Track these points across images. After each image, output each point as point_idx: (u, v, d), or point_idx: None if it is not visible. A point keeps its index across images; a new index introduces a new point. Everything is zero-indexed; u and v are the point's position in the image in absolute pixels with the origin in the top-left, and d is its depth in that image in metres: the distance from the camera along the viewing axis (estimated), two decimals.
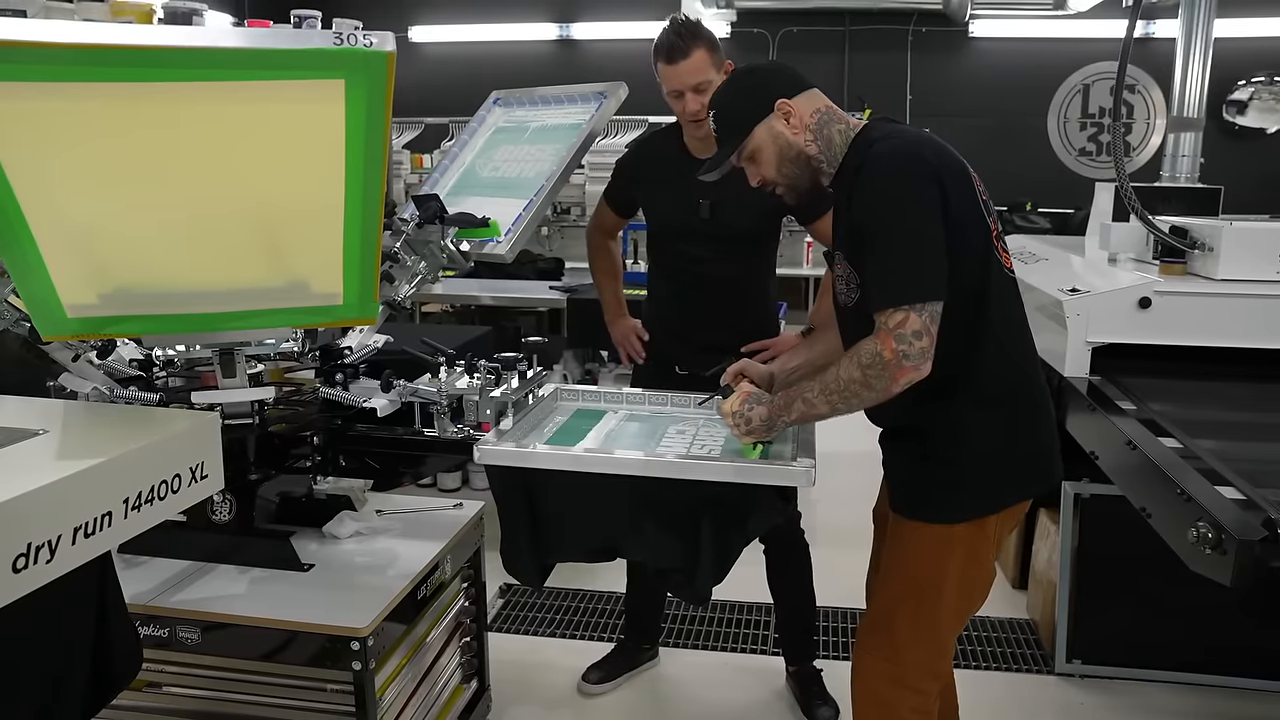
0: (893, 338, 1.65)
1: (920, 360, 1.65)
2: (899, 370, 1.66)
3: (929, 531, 1.81)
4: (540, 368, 2.27)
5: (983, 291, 1.75)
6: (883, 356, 1.66)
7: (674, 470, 1.82)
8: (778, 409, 1.83)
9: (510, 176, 2.63)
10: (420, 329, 4.60)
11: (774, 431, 1.86)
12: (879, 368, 1.67)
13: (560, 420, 2.21)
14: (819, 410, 1.77)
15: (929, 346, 1.65)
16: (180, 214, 1.62)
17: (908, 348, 1.65)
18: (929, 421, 1.80)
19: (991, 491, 1.79)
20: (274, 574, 2.01)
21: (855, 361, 1.70)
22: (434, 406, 2.10)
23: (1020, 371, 1.81)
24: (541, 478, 1.90)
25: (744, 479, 1.80)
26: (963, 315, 1.74)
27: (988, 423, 1.77)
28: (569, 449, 1.93)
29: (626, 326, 2.97)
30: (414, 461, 2.17)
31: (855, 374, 1.70)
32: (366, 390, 2.16)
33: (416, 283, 2.27)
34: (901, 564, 1.86)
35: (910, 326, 1.64)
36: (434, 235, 2.28)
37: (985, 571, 1.84)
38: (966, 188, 1.74)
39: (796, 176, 1.84)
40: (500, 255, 2.35)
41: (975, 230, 1.74)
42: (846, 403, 1.73)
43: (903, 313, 1.64)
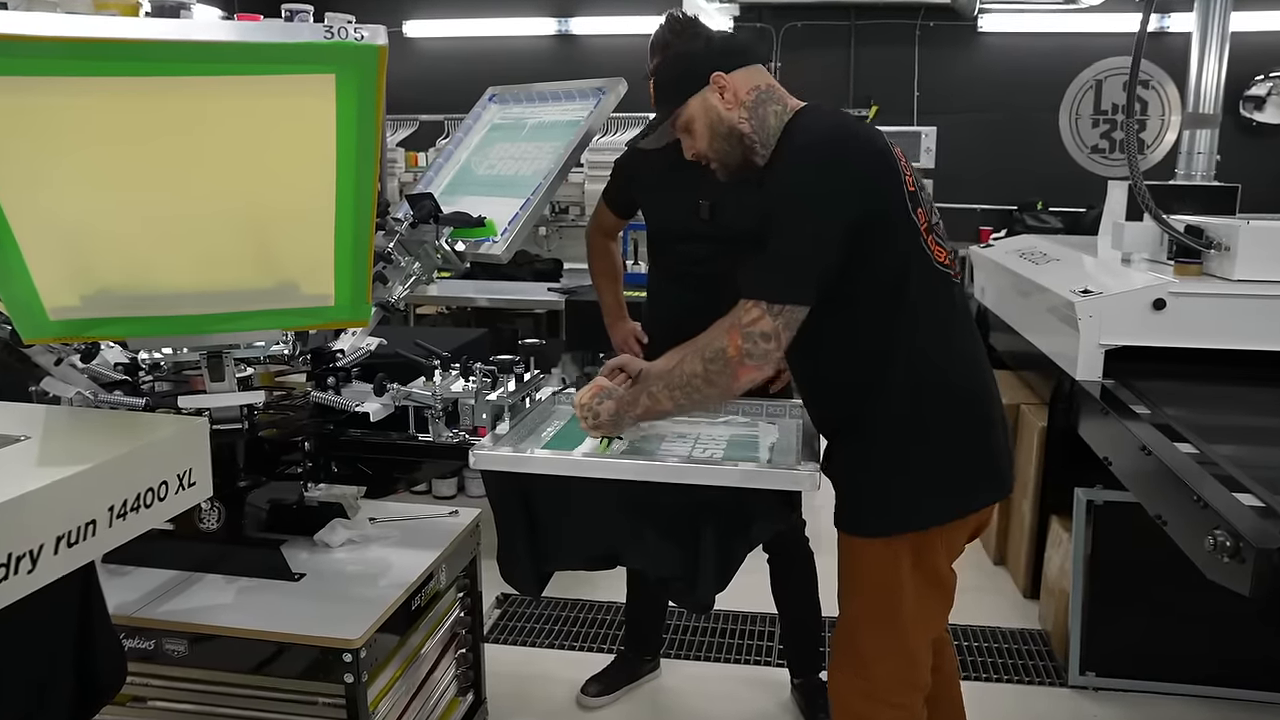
0: (740, 333, 1.66)
1: (762, 361, 1.66)
2: (740, 368, 1.67)
3: (870, 545, 1.80)
4: (538, 371, 2.26)
5: (902, 288, 1.73)
6: (725, 352, 1.67)
7: (675, 475, 1.82)
8: (624, 405, 1.84)
9: (506, 175, 2.63)
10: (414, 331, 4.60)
11: (623, 427, 1.87)
12: (721, 363, 1.68)
13: (558, 424, 2.21)
14: (663, 406, 1.78)
15: (775, 350, 1.66)
16: (166, 213, 1.61)
17: (752, 346, 1.65)
18: (854, 428, 1.80)
19: (925, 503, 1.77)
20: (263, 584, 2.00)
21: (699, 355, 1.71)
22: (429, 411, 2.10)
23: (946, 371, 1.78)
24: (539, 484, 1.89)
25: (747, 484, 1.80)
26: (881, 314, 1.73)
27: (911, 429, 1.75)
28: (567, 454, 1.93)
29: (626, 329, 2.97)
30: (408, 467, 2.17)
31: (698, 368, 1.71)
32: (359, 394, 2.16)
33: (410, 284, 2.27)
34: (852, 579, 1.85)
35: (760, 326, 1.65)
36: (428, 235, 2.27)
37: (941, 579, 1.82)
38: (892, 180, 1.73)
39: (727, 153, 1.84)
40: (496, 256, 2.35)
41: (899, 226, 1.73)
42: (689, 399, 1.74)
43: (758, 310, 1.65)
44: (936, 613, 1.85)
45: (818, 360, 1.76)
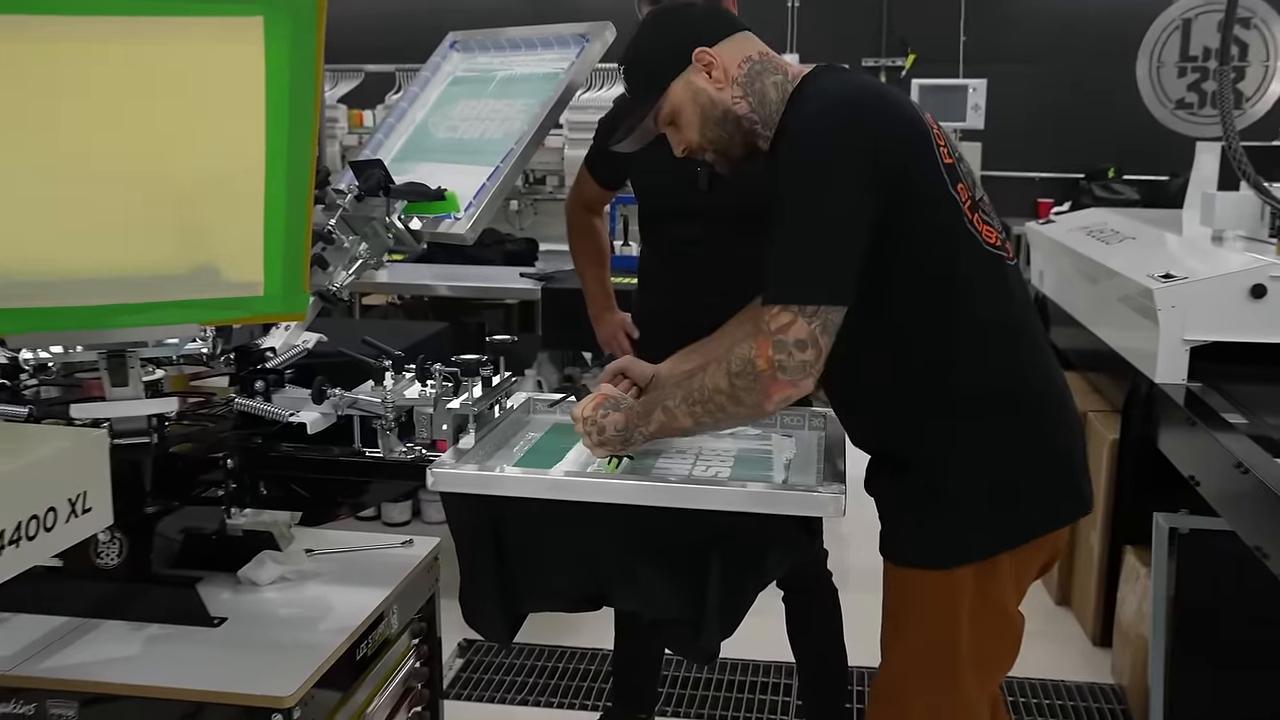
0: (771, 343, 1.67)
1: (800, 375, 1.67)
2: (772, 384, 1.68)
3: (925, 580, 1.82)
4: (509, 373, 2.26)
5: (952, 277, 1.75)
6: (755, 365, 1.69)
7: (674, 497, 1.82)
8: (635, 418, 1.86)
9: (471, 138, 2.63)
10: (361, 326, 4.61)
11: (632, 444, 1.89)
12: (749, 378, 1.70)
13: (534, 437, 2.21)
14: (680, 423, 1.81)
15: (814, 361, 1.67)
16: (61, 181, 1.60)
17: (786, 358, 1.66)
18: (906, 443, 1.82)
19: (996, 524, 1.79)
20: (176, 631, 2.00)
21: (725, 369, 1.73)
22: (378, 421, 2.10)
23: (1013, 372, 1.81)
24: (511, 508, 1.89)
25: (760, 508, 1.80)
26: (930, 310, 1.75)
27: (976, 439, 1.78)
28: (544, 473, 1.93)
29: (614, 322, 2.98)
30: (353, 489, 2.17)
31: (723, 383, 1.73)
32: (293, 401, 2.15)
33: (356, 269, 2.27)
34: (901, 622, 1.87)
35: (794, 333, 1.66)
36: (377, 210, 2.26)
37: (1008, 618, 1.84)
38: (925, 152, 1.74)
39: (725, 141, 1.86)
40: (459, 235, 2.35)
41: (939, 204, 1.74)
42: (712, 417, 1.77)
43: (789, 315, 1.67)
44: (999, 662, 1.86)
45: (857, 367, 1.77)
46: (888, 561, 1.87)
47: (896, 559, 1.85)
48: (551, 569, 1.94)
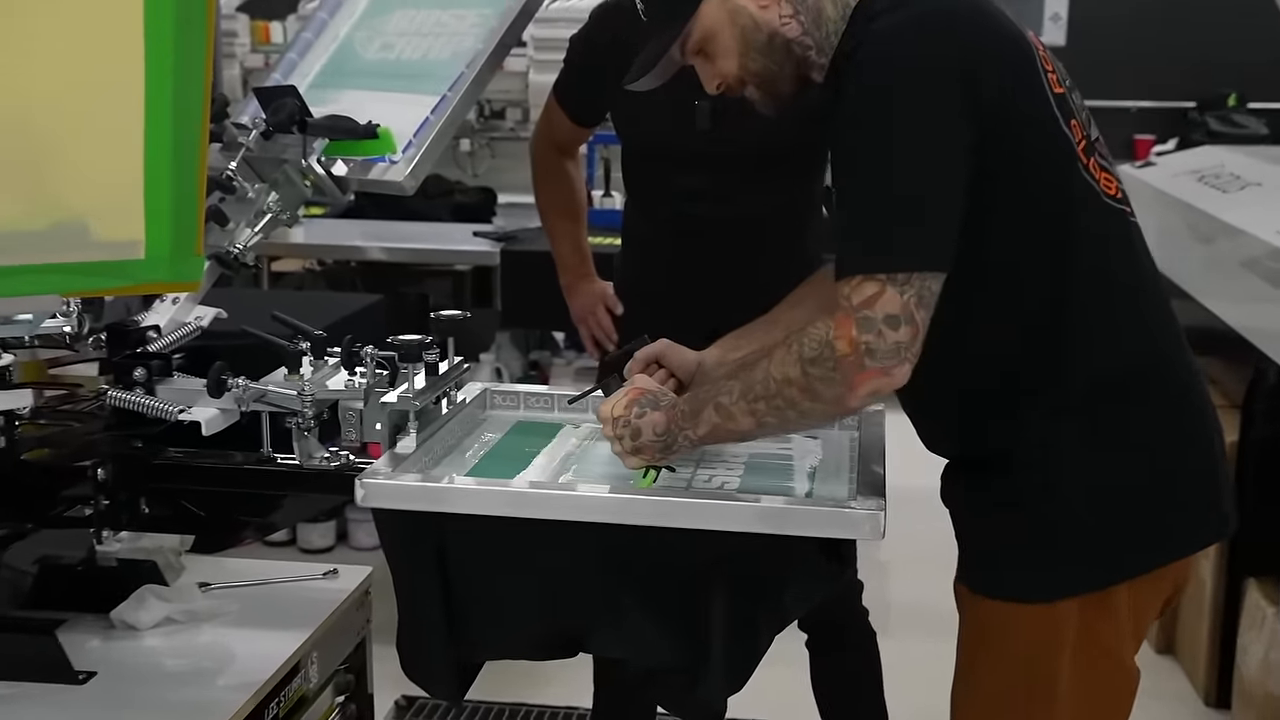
0: (855, 321, 1.67)
1: (893, 360, 1.67)
2: (858, 373, 1.68)
3: (1017, 616, 1.83)
4: (460, 358, 2.27)
5: (1067, 237, 1.78)
6: (834, 349, 1.68)
7: (669, 514, 1.83)
8: (680, 418, 1.86)
9: (410, 60, 2.63)
10: (271, 298, 4.59)
11: (674, 452, 1.89)
12: (827, 366, 1.69)
13: (491, 439, 2.23)
14: (738, 425, 1.80)
15: (910, 342, 1.67)
16: None
17: (875, 339, 1.66)
18: (1001, 444, 1.83)
19: (1114, 547, 1.81)
20: (30, 690, 1.99)
21: (795, 355, 1.72)
22: (293, 419, 2.10)
23: (1146, 352, 1.83)
24: (462, 529, 1.91)
25: (777, 528, 1.81)
26: (1038, 277, 1.78)
27: (1094, 436, 1.80)
28: (505, 484, 1.94)
29: (591, 294, 2.99)
30: (260, 506, 2.18)
31: (793, 372, 1.72)
32: (184, 394, 2.15)
33: (264, 225, 2.28)
34: (982, 669, 1.88)
35: (884, 307, 1.66)
36: (290, 151, 2.28)
37: (1120, 670, 1.85)
38: (1031, 79, 1.76)
39: (772, 73, 1.87)
40: (396, 184, 2.36)
41: (1050, 145, 1.76)
42: (778, 416, 1.76)
43: (874, 285, 1.67)
44: None
45: (937, 348, 1.80)
46: (968, 591, 1.89)
47: (981, 588, 1.87)
48: (514, 605, 1.95)
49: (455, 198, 6.16)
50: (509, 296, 4.76)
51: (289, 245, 5.23)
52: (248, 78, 6.09)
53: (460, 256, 5.19)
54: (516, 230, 5.05)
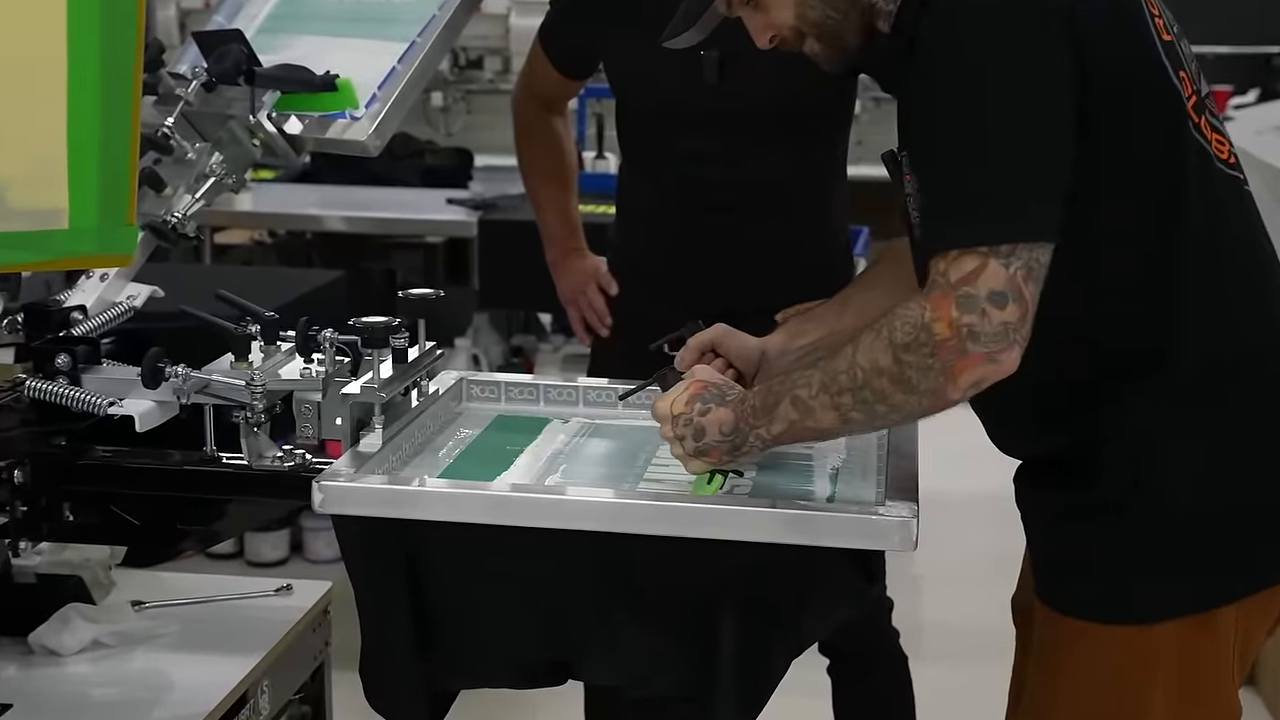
0: (955, 300, 1.66)
1: (1000, 344, 1.65)
2: (960, 360, 1.66)
3: (1107, 638, 1.84)
4: (432, 344, 2.28)
5: (1177, 205, 1.78)
6: (932, 332, 1.67)
7: (671, 522, 1.84)
8: (751, 415, 1.85)
9: (375, 1, 2.63)
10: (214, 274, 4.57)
11: (744, 454, 1.89)
12: (924, 353, 1.68)
13: (468, 436, 2.23)
14: (821, 421, 1.80)
15: (1019, 322, 1.66)
16: None
17: (979, 320, 1.65)
18: (1094, 440, 1.83)
19: (1224, 562, 1.81)
20: None
21: (885, 340, 1.71)
22: (240, 413, 2.10)
23: (1266, 335, 1.84)
24: (436, 539, 1.91)
25: (794, 537, 1.82)
26: (1143, 248, 1.78)
27: (1205, 432, 1.80)
28: (484, 487, 1.95)
29: (582, 271, 2.99)
30: (203, 513, 2.18)
31: (883, 360, 1.71)
32: (114, 385, 2.15)
33: (206, 191, 2.27)
34: (1061, 696, 1.88)
35: (988, 282, 1.65)
36: (236, 106, 2.27)
37: (1222, 703, 1.86)
38: (1135, 20, 1.76)
39: (834, 23, 1.87)
40: (358, 143, 2.36)
41: (1156, 96, 1.76)
42: (866, 411, 1.75)
43: (974, 259, 1.66)
44: None
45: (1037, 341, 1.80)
46: (1045, 609, 1.89)
47: (1063, 606, 1.87)
48: (494, 626, 1.96)
49: (426, 160, 6.13)
50: (488, 273, 4.76)
51: (235, 213, 5.22)
52: (185, 20, 6.06)
53: (432, 227, 5.19)
54: (496, 197, 5.04)
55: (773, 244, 2.66)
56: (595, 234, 3.05)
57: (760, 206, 2.67)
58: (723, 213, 2.67)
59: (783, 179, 2.67)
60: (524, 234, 3.29)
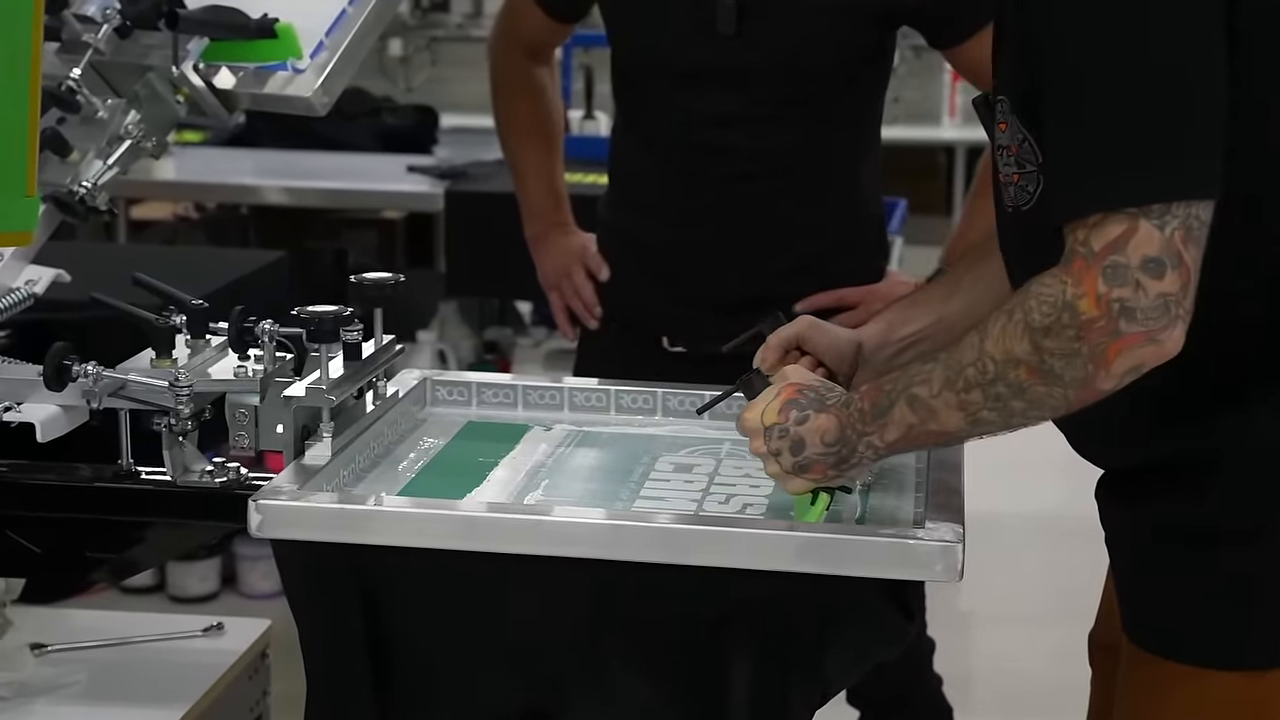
0: (1101, 272, 1.63)
1: (1159, 321, 1.62)
2: (1114, 341, 1.64)
3: (1214, 686, 1.82)
4: (391, 337, 2.28)
5: None
6: (1076, 311, 1.64)
7: (674, 548, 1.83)
8: (858, 420, 1.84)
9: None
10: (131, 255, 4.56)
11: (853, 467, 1.88)
12: (1067, 336, 1.66)
13: (434, 445, 2.23)
14: (946, 423, 1.78)
15: (1180, 293, 1.63)
16: None
17: (1132, 294, 1.62)
18: (1205, 451, 1.82)
19: None
20: None
21: (1019, 324, 1.69)
22: (162, 420, 2.10)
23: None
24: (395, 568, 1.91)
25: (816, 565, 1.81)
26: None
27: None
28: (451, 506, 1.94)
29: (568, 251, 2.98)
30: (118, 538, 2.18)
31: (1020, 349, 1.69)
32: (11, 386, 2.14)
33: (121, 156, 2.26)
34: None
35: (1140, 248, 1.62)
36: (155, 55, 2.26)
37: None
38: None
39: None
40: (302, 100, 2.35)
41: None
42: (1000, 409, 1.73)
43: (1121, 222, 1.63)
44: None
45: None
46: (1138, 650, 1.88)
47: (1161, 646, 1.86)
48: (463, 670, 1.95)
49: (383, 120, 6.14)
50: (456, 254, 4.76)
51: (156, 183, 5.23)
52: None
53: (390, 199, 5.20)
54: (466, 164, 5.04)
55: (794, 221, 2.66)
56: (583, 207, 3.04)
57: (780, 177, 2.66)
58: (735, 184, 2.67)
59: (807, 145, 2.66)
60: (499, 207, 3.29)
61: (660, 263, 2.76)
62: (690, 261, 2.70)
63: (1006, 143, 1.81)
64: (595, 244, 2.96)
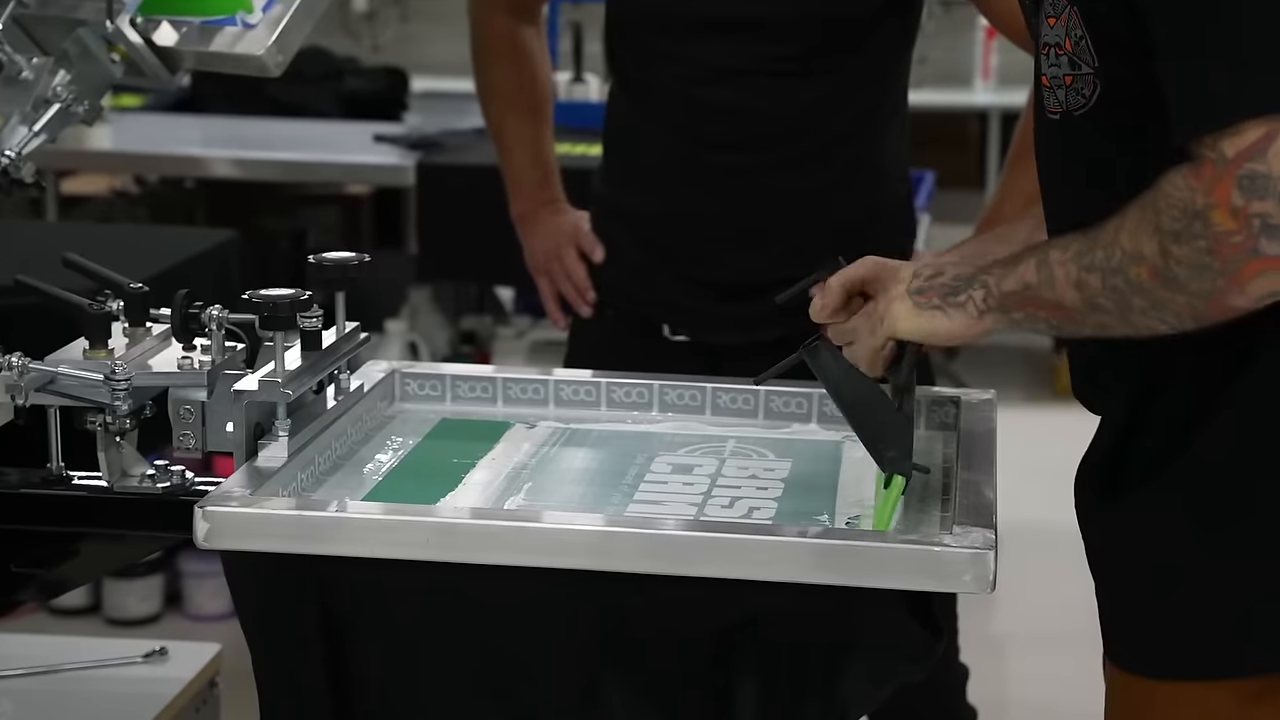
0: (1237, 181, 1.62)
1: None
2: (1252, 261, 1.63)
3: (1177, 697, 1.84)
4: (355, 325, 2.29)
5: None
6: (1209, 222, 1.64)
7: (675, 557, 1.83)
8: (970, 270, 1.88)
9: None
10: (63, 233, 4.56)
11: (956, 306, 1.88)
12: (1200, 248, 1.65)
13: (404, 445, 2.24)
14: (1060, 295, 1.79)
15: None
16: None
17: (1274, 210, 1.61)
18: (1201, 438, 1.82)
19: None
20: None
21: (1150, 223, 1.69)
22: (97, 418, 2.11)
23: None
24: (360, 583, 1.91)
25: (831, 576, 1.81)
26: None
27: None
28: (423, 512, 1.94)
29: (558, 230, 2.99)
30: (47, 552, 2.18)
31: (1148, 248, 1.69)
32: None
33: (49, 122, 2.27)
34: None
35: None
36: (87, 8, 2.26)
37: None
38: None
39: None
40: (255, 58, 2.35)
41: None
42: (1117, 299, 1.73)
43: (1260, 126, 1.62)
44: None
45: None
46: (1117, 670, 1.90)
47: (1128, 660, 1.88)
48: (437, 697, 1.95)
49: (346, 83, 6.15)
50: (430, 234, 4.76)
51: (89, 153, 5.23)
52: None
53: (354, 173, 5.20)
54: (440, 133, 5.05)
55: (812, 196, 2.66)
56: (575, 182, 3.05)
57: (796, 147, 2.67)
58: (746, 154, 2.66)
59: (826, 111, 2.66)
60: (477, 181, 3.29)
61: (661, 241, 2.76)
62: (694, 240, 2.70)
63: (1056, 40, 1.82)
64: (588, 222, 2.96)
